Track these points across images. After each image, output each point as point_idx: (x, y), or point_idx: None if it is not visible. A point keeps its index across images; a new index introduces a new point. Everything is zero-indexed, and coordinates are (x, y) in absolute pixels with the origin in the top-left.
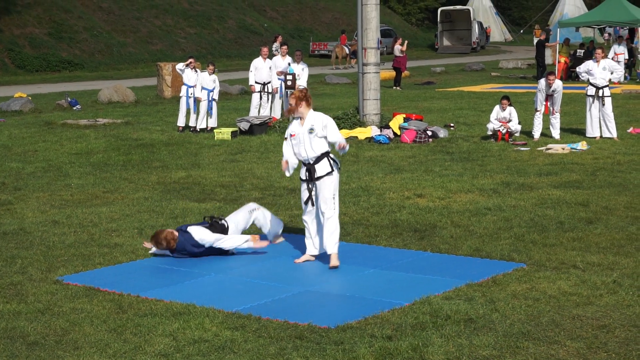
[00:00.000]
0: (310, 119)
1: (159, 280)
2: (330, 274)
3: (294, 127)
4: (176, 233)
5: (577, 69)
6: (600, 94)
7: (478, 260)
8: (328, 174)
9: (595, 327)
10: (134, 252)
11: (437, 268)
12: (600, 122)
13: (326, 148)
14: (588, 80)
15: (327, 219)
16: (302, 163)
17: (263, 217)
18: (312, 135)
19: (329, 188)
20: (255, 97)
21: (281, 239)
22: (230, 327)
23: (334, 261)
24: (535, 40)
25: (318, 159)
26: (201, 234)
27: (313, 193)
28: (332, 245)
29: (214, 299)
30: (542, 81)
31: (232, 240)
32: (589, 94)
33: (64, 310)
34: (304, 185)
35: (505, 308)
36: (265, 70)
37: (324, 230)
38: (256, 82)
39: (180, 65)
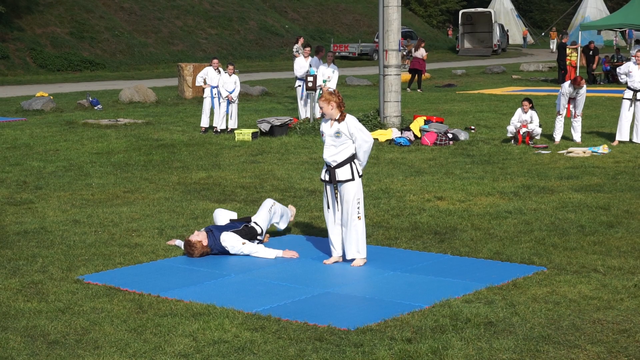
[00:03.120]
0: (339, 122)
1: (179, 281)
2: (350, 276)
3: (323, 126)
4: (206, 242)
5: (617, 70)
6: (638, 97)
7: (498, 263)
8: (349, 180)
9: (616, 332)
10: (155, 252)
11: (457, 271)
12: (633, 126)
13: (351, 153)
14: (626, 83)
15: (350, 225)
16: (325, 163)
17: (280, 210)
18: (338, 139)
19: (350, 193)
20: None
21: (292, 218)
22: (250, 328)
23: (359, 262)
24: (552, 43)
25: (340, 164)
26: (232, 242)
27: (331, 196)
28: (353, 252)
29: (234, 300)
30: (566, 84)
31: (263, 253)
32: (625, 97)
33: (85, 310)
34: (325, 187)
35: (526, 311)
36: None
37: (348, 235)
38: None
39: (199, 81)
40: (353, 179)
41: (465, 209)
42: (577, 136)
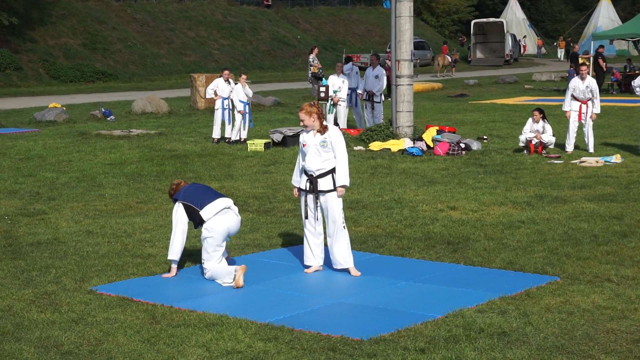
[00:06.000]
0: (322, 133)
1: (192, 291)
2: (363, 286)
3: (305, 137)
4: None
5: (632, 83)
6: None
7: (511, 273)
8: (331, 190)
9: (630, 341)
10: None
11: (470, 281)
12: None
13: (334, 164)
14: None
15: (338, 235)
16: (305, 173)
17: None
18: (324, 148)
19: (334, 203)
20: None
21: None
22: (263, 339)
23: (355, 272)
24: (560, 52)
25: (323, 174)
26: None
27: (313, 206)
28: (341, 261)
29: (247, 310)
30: (574, 80)
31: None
32: None
33: (98, 320)
34: (303, 197)
35: (539, 321)
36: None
37: (336, 245)
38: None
39: (209, 93)
40: (334, 189)
41: (478, 219)
42: (590, 146)
